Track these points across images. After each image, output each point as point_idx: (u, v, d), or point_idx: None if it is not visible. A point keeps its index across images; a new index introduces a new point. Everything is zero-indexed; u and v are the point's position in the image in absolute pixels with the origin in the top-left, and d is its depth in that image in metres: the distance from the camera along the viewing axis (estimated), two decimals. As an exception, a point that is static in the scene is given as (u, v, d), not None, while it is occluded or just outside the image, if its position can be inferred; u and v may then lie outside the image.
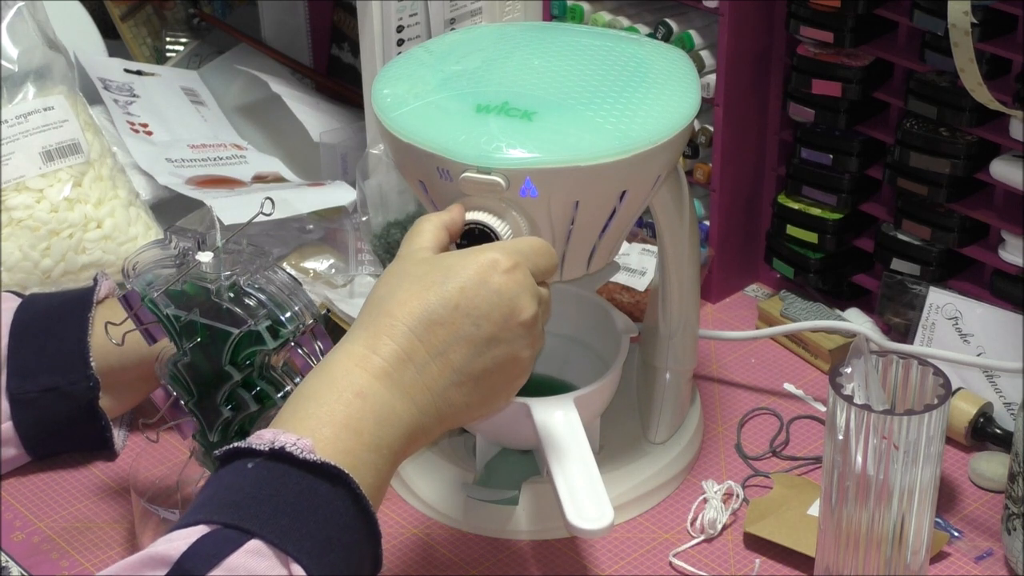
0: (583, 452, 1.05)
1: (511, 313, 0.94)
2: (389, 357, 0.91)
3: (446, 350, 0.92)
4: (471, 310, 0.93)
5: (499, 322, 0.93)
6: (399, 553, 1.14)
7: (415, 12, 1.40)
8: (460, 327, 0.92)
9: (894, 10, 1.26)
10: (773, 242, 1.39)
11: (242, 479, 0.86)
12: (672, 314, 1.19)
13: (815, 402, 1.30)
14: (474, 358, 0.93)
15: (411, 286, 0.93)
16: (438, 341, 0.92)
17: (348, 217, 1.43)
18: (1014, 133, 1.20)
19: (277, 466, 0.86)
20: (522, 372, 0.97)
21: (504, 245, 0.97)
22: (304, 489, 0.85)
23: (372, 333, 0.92)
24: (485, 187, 1.01)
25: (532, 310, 0.95)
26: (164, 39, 1.72)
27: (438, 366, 0.92)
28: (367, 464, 0.88)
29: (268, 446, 0.86)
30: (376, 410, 0.90)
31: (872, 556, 1.04)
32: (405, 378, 0.91)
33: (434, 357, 0.92)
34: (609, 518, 1.00)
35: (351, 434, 0.88)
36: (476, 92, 1.06)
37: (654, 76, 1.09)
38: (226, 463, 0.88)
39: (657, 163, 1.05)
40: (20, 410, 1.18)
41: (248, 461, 0.86)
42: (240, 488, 0.85)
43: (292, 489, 0.85)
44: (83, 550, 1.14)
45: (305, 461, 0.85)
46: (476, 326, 0.93)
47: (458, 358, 0.93)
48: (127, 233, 1.36)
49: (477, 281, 0.93)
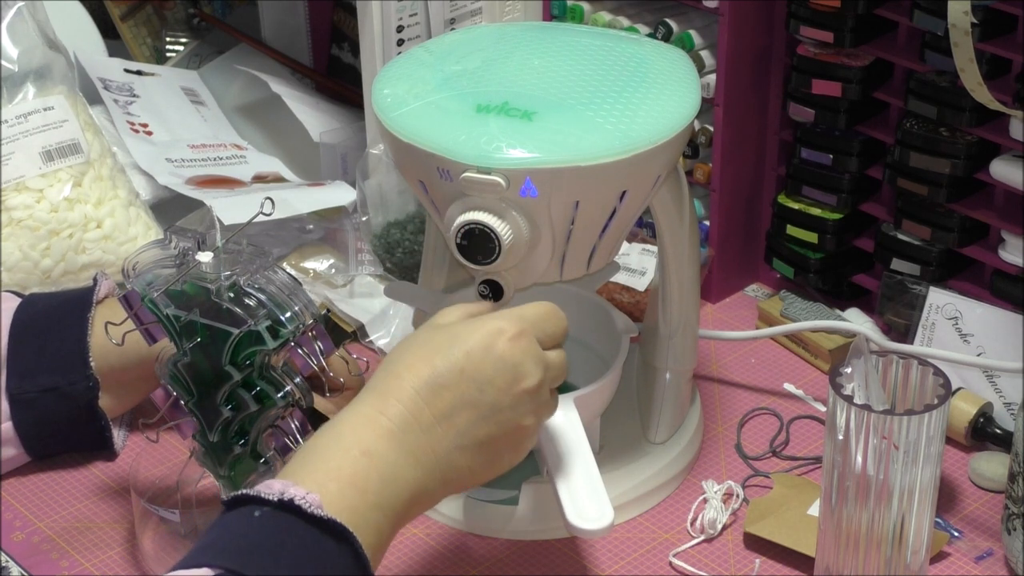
0: (583, 452, 1.05)
1: (514, 380, 0.95)
2: (395, 418, 0.93)
3: (451, 414, 0.94)
4: (476, 375, 0.94)
5: (503, 388, 0.95)
6: (399, 553, 1.14)
7: (415, 12, 1.40)
8: (465, 392, 0.94)
9: (894, 10, 1.26)
10: (773, 242, 1.39)
11: (248, 527, 0.87)
12: (672, 314, 1.19)
13: (815, 402, 1.30)
14: (478, 423, 0.95)
15: (419, 350, 0.96)
16: (444, 405, 0.94)
17: (348, 217, 1.43)
18: (1014, 133, 1.20)
19: (285, 518, 0.87)
20: (526, 438, 0.98)
21: (511, 313, 0.99)
22: (308, 543, 0.87)
23: (380, 395, 0.94)
24: (485, 187, 1.01)
25: (536, 377, 0.96)
26: (164, 39, 1.72)
27: (443, 429, 0.94)
28: (369, 523, 0.90)
29: (278, 496, 0.87)
30: (381, 469, 0.91)
31: (872, 556, 1.04)
32: (410, 440, 0.93)
33: (439, 421, 0.94)
34: (609, 518, 1.00)
35: (356, 492, 0.90)
36: (476, 92, 1.06)
37: (654, 76, 1.09)
38: (232, 508, 0.89)
39: (657, 163, 1.05)
40: (20, 410, 1.18)
41: (256, 509, 0.88)
42: (245, 535, 0.87)
43: (296, 542, 0.86)
44: (83, 550, 1.14)
45: (312, 516, 0.87)
46: (480, 391, 0.95)
47: (462, 422, 0.94)
48: (127, 233, 1.36)
49: (483, 347, 0.95)
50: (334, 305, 1.37)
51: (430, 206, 1.08)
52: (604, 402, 1.15)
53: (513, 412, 0.96)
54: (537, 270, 1.07)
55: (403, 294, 1.23)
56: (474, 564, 1.13)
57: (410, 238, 1.40)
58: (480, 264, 1.04)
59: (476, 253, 1.03)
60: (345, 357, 1.14)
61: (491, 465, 0.97)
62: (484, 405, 0.95)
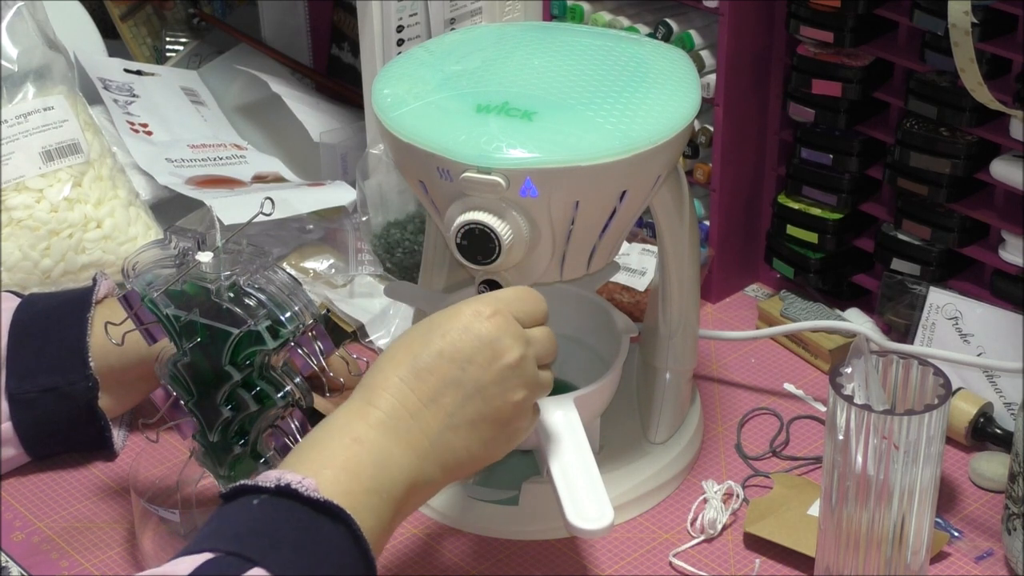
0: (583, 452, 1.05)
1: (494, 356, 0.96)
2: (384, 407, 0.95)
3: (436, 396, 0.96)
4: (455, 355, 0.96)
5: (483, 365, 0.96)
6: (399, 553, 1.14)
7: (415, 12, 1.40)
8: (447, 373, 0.96)
9: (894, 10, 1.26)
10: (773, 242, 1.39)
11: (247, 514, 0.89)
12: (672, 314, 1.19)
13: (815, 402, 1.30)
14: (465, 402, 0.96)
15: (402, 344, 0.98)
16: (428, 388, 0.95)
17: (348, 217, 1.43)
18: (1014, 133, 1.20)
19: (282, 502, 0.88)
20: (519, 415, 0.99)
21: (485, 295, 1.00)
22: (307, 525, 0.88)
23: (368, 389, 0.96)
24: (485, 187, 1.01)
25: (516, 352, 0.97)
26: (164, 39, 1.72)
27: (431, 412, 0.95)
28: (366, 506, 0.91)
29: (274, 483, 0.89)
30: (374, 455, 0.93)
31: (872, 556, 1.04)
32: (401, 426, 0.94)
33: (427, 404, 0.95)
34: (609, 518, 1.00)
35: (350, 476, 0.91)
36: (476, 92, 1.06)
37: (654, 76, 1.09)
38: (230, 500, 0.90)
39: (657, 163, 1.05)
40: (20, 410, 1.18)
41: (253, 498, 0.89)
42: (245, 522, 0.88)
43: (295, 524, 0.88)
44: (83, 550, 1.14)
45: (309, 499, 0.88)
46: (462, 370, 0.96)
47: (449, 403, 0.96)
48: (127, 233, 1.36)
49: (460, 328, 0.97)
50: (334, 305, 1.37)
51: (430, 206, 1.08)
52: (604, 402, 1.15)
53: (498, 387, 0.97)
54: (537, 270, 1.07)
55: (403, 294, 1.23)
56: (474, 564, 1.13)
57: (410, 238, 1.40)
58: (480, 264, 1.04)
59: (476, 253, 1.03)
60: (345, 357, 1.15)
61: (488, 446, 0.98)
62: (468, 383, 0.96)
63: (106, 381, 1.18)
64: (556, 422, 1.06)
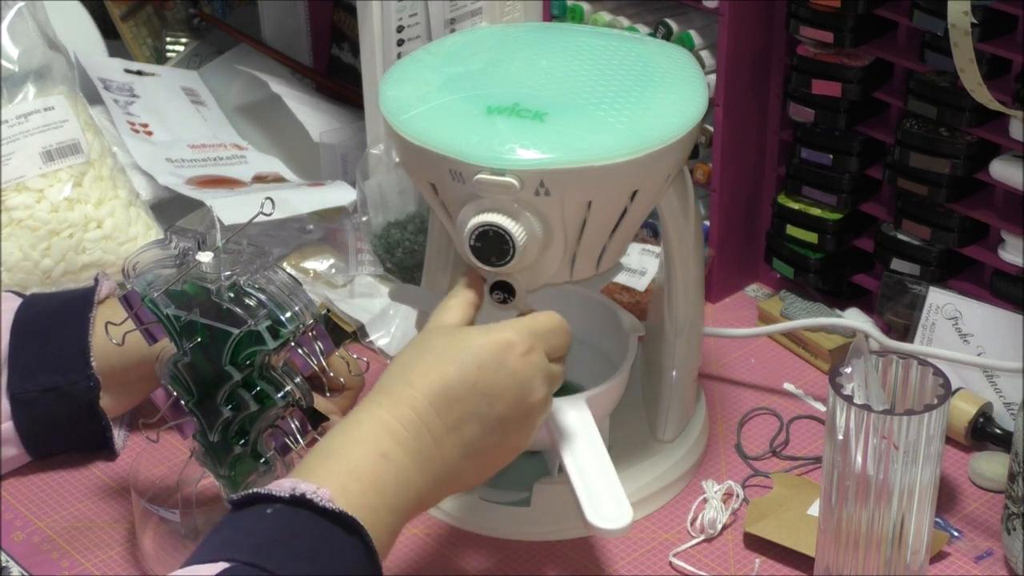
0: (599, 452, 1.05)
1: (523, 396, 0.98)
2: (410, 427, 0.95)
3: (460, 426, 0.96)
4: (487, 390, 0.96)
5: (511, 403, 0.97)
6: (407, 554, 1.14)
7: (415, 12, 1.40)
8: (476, 405, 0.96)
9: (894, 10, 1.26)
10: (773, 242, 1.39)
11: (261, 523, 0.88)
12: (678, 313, 1.19)
13: (815, 402, 1.30)
14: (485, 435, 0.97)
15: (433, 359, 0.97)
16: (454, 417, 0.96)
17: (348, 217, 1.43)
18: (1014, 133, 1.20)
19: (297, 512, 0.88)
20: (522, 445, 1.01)
21: (521, 326, 1.00)
22: (322, 536, 0.88)
23: (395, 400, 0.96)
24: (498, 188, 1.01)
25: (543, 392, 0.99)
26: (164, 39, 1.72)
27: (452, 440, 0.96)
28: (384, 524, 0.91)
29: (289, 493, 0.88)
30: (397, 474, 0.93)
31: (872, 556, 1.04)
32: (424, 451, 0.95)
33: (449, 431, 0.96)
34: (629, 517, 1.00)
35: (376, 492, 0.91)
36: (485, 94, 1.06)
37: (661, 75, 1.09)
38: (241, 507, 0.90)
39: (668, 162, 1.06)
40: (21, 410, 1.18)
41: (267, 507, 0.89)
42: (259, 532, 0.88)
43: (310, 535, 0.87)
44: (83, 550, 1.14)
45: (325, 509, 0.88)
46: (490, 406, 0.97)
47: (470, 434, 0.97)
48: (127, 233, 1.36)
49: (495, 362, 0.97)
50: (334, 305, 1.37)
51: (440, 208, 1.08)
52: (613, 402, 1.15)
53: (518, 424, 0.98)
54: (549, 270, 1.07)
55: (407, 297, 1.23)
56: (475, 565, 1.13)
57: (410, 238, 1.40)
58: (494, 265, 1.04)
59: (490, 255, 1.03)
60: (345, 357, 1.14)
61: (486, 470, 1.00)
62: (492, 418, 0.97)
63: (107, 381, 1.18)
64: (570, 422, 1.07)
